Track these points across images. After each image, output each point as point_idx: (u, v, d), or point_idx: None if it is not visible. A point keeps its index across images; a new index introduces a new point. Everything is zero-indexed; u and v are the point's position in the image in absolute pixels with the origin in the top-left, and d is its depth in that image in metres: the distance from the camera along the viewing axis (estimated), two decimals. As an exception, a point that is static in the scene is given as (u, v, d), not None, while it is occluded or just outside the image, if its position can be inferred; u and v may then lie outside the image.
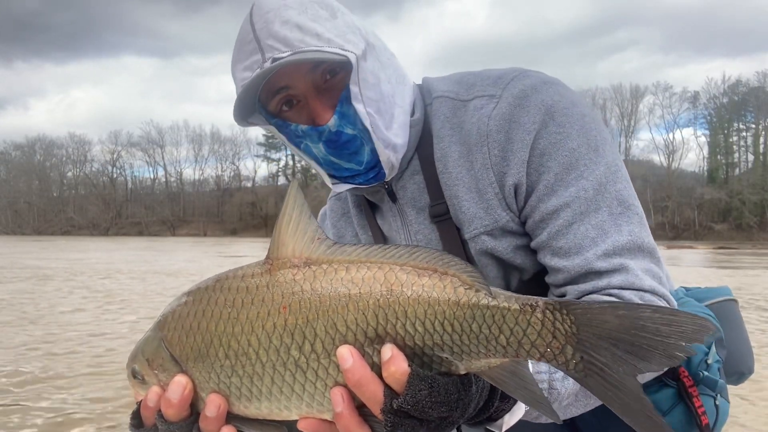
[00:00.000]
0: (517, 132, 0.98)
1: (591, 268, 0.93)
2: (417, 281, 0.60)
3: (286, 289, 0.62)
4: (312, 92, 0.98)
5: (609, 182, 0.96)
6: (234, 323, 0.63)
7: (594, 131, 0.98)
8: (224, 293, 0.64)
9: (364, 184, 1.07)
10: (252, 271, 0.64)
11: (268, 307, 0.62)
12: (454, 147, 1.04)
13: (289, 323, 0.61)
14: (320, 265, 0.62)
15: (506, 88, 1.01)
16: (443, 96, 1.08)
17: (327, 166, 1.06)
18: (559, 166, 0.96)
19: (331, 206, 1.31)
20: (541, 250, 1.00)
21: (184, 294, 0.69)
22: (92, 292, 11.34)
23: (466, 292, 0.60)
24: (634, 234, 0.95)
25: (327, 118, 0.98)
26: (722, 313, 1.20)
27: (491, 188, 1.01)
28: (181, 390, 0.65)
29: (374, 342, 0.60)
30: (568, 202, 0.95)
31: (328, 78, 0.98)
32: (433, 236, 1.09)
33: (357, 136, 0.99)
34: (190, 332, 0.65)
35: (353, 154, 1.01)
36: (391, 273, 0.60)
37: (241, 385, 0.64)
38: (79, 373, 5.22)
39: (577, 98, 1.01)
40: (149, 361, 0.68)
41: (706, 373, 1.06)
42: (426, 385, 0.59)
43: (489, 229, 1.02)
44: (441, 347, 0.60)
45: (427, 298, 0.59)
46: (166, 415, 0.66)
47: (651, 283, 0.92)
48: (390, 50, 1.08)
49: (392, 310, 0.59)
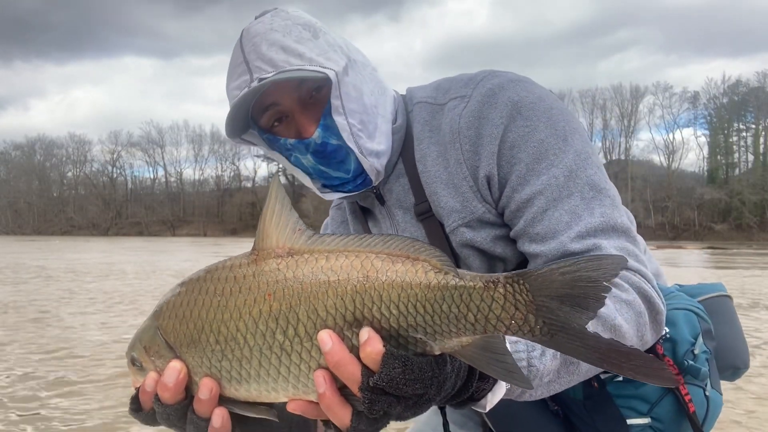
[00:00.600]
0: (486, 127, 1.04)
1: (566, 250, 0.96)
2: (391, 267, 0.64)
3: (271, 278, 0.66)
4: (297, 108, 1.07)
5: (579, 168, 1.00)
6: (223, 310, 0.67)
7: (562, 122, 1.03)
8: (214, 283, 0.69)
9: (353, 191, 1.14)
10: (239, 261, 0.69)
11: (255, 294, 0.66)
12: (433, 147, 1.12)
13: (274, 309, 0.65)
14: (302, 255, 0.66)
15: (476, 88, 1.08)
16: (422, 102, 1.17)
17: (317, 175, 1.13)
18: (529, 156, 1.01)
19: (332, 215, 1.40)
20: (520, 239, 1.04)
21: (177, 285, 0.73)
22: (104, 293, 11.32)
23: (435, 275, 0.64)
24: (606, 215, 0.98)
25: (311, 131, 1.06)
26: (714, 308, 1.21)
27: (465, 182, 1.07)
28: (176, 374, 0.69)
29: (353, 326, 0.64)
30: (541, 190, 0.99)
31: (313, 94, 1.07)
32: (420, 233, 1.14)
33: (341, 146, 1.07)
34: (183, 320, 0.69)
35: (340, 163, 1.09)
36: (367, 260, 0.64)
37: (231, 369, 0.68)
38: (100, 379, 5.17)
39: (545, 93, 1.07)
40: (146, 349, 0.72)
41: (691, 362, 1.08)
42: (400, 363, 0.62)
43: (466, 221, 1.08)
44: (415, 328, 0.64)
45: (401, 282, 0.63)
46: (162, 398, 0.70)
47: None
48: (372, 64, 1.16)
49: (368, 295, 0.63)
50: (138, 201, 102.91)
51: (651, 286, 0.97)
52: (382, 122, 1.11)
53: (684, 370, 1.08)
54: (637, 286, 0.95)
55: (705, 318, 1.16)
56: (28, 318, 8.09)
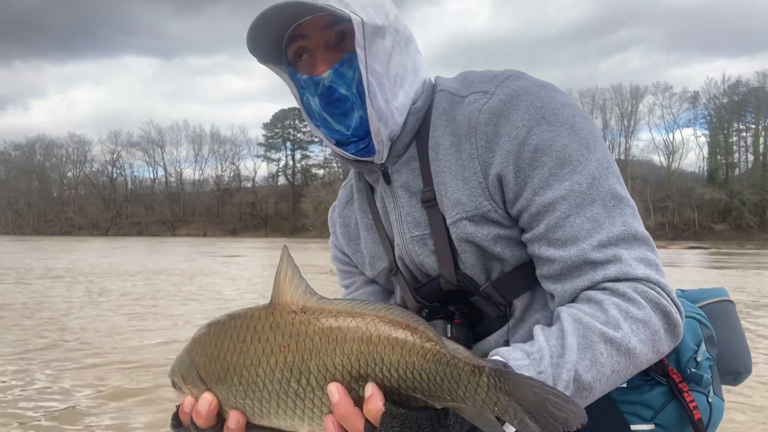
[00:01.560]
0: (505, 126, 1.03)
1: (587, 258, 0.97)
2: (392, 333, 0.70)
3: (286, 331, 0.73)
4: (321, 46, 1.07)
5: (602, 176, 1.01)
6: (244, 356, 0.75)
7: (585, 130, 1.03)
8: (236, 330, 0.77)
9: (354, 155, 1.13)
10: (258, 313, 0.76)
11: (271, 345, 0.73)
12: (447, 137, 1.11)
13: (288, 361, 0.72)
14: (313, 313, 0.73)
15: (500, 86, 1.07)
16: (444, 90, 1.15)
17: (322, 123, 1.12)
18: (552, 161, 1.00)
19: (339, 197, 1.38)
20: (536, 242, 1.03)
21: (206, 325, 0.82)
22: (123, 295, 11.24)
23: (432, 347, 0.70)
24: (627, 224, 0.99)
25: (323, 70, 1.05)
26: (716, 314, 1.22)
27: (475, 177, 1.06)
28: (208, 405, 0.79)
29: (359, 380, 0.71)
30: (564, 195, 0.99)
31: (340, 41, 1.06)
32: (422, 220, 1.13)
33: (348, 98, 1.06)
34: (211, 359, 0.78)
35: (342, 115, 1.08)
36: (372, 324, 0.71)
37: (253, 406, 0.76)
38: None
39: (568, 101, 1.07)
40: (183, 377, 0.82)
41: (693, 370, 1.09)
42: (398, 422, 0.67)
43: (470, 215, 1.06)
44: (414, 390, 0.70)
45: (400, 349, 0.70)
46: (197, 422, 0.80)
47: (645, 271, 0.96)
48: (417, 46, 1.17)
49: (371, 357, 0.70)
50: (138, 201, 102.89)
51: (669, 300, 0.96)
52: (402, 96, 1.10)
53: (687, 377, 1.09)
54: (655, 302, 0.94)
55: (707, 324, 1.17)
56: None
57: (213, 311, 8.80)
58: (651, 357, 0.95)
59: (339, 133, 1.11)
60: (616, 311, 0.91)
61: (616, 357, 0.89)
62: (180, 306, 9.76)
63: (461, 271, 1.10)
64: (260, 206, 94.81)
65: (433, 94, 1.17)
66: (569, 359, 0.86)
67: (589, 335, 0.89)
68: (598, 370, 0.87)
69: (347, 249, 1.34)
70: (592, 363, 0.87)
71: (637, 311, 0.93)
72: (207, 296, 11.15)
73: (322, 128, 1.13)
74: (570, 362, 0.86)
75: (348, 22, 1.02)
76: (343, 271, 1.39)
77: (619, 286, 0.94)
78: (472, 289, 1.10)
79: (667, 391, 1.09)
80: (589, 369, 0.87)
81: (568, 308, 0.94)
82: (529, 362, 0.85)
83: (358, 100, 1.06)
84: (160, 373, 5.20)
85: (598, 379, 0.87)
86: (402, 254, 1.17)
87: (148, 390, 4.78)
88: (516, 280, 1.10)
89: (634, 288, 0.94)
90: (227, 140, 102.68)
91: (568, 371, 0.85)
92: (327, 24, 1.05)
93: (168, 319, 8.41)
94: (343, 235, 1.34)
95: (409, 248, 1.15)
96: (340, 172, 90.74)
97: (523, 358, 0.85)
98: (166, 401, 4.46)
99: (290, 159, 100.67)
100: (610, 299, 0.93)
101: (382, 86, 1.06)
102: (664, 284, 0.97)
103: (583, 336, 0.89)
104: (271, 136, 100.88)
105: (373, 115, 1.06)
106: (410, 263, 1.17)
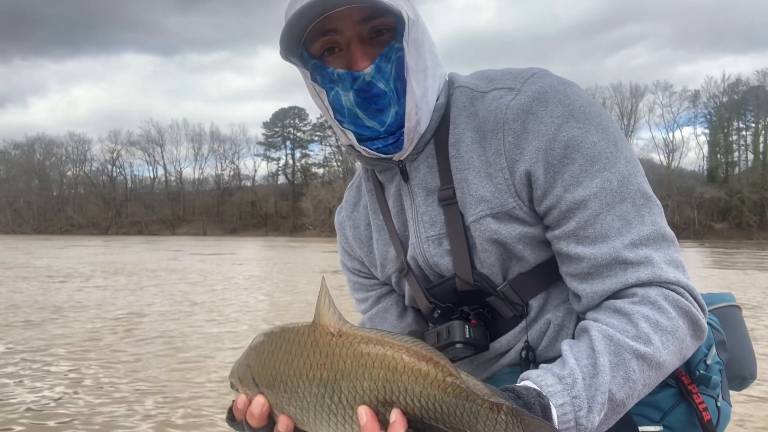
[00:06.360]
0: (534, 123, 1.02)
1: (619, 257, 0.97)
2: (417, 364, 0.74)
3: (323, 351, 0.79)
4: (356, 40, 1.04)
5: (631, 175, 1.01)
6: (289, 367, 0.82)
7: (611, 128, 1.04)
8: (285, 342, 0.84)
9: (379, 151, 1.11)
10: (303, 329, 0.83)
11: (311, 361, 0.79)
12: (468, 133, 1.09)
13: (324, 378, 0.78)
14: (347, 337, 0.78)
15: (526, 83, 1.05)
16: (463, 86, 1.14)
17: (350, 119, 1.09)
18: (583, 157, 1.00)
19: (346, 199, 1.36)
20: (564, 239, 1.02)
21: (262, 333, 0.89)
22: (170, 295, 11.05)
23: (452, 381, 0.73)
24: (656, 224, 1.00)
25: (364, 65, 1.03)
26: (724, 318, 1.23)
27: (501, 174, 1.04)
28: (260, 408, 0.85)
29: (385, 405, 0.75)
30: (596, 192, 0.99)
31: (374, 36, 1.05)
32: (439, 219, 1.11)
33: (387, 93, 1.05)
34: (264, 366, 0.85)
35: (378, 111, 1.06)
36: (399, 353, 0.75)
37: (296, 413, 0.83)
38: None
39: (592, 100, 1.07)
40: (240, 379, 0.90)
41: (702, 372, 1.09)
42: None
43: (495, 212, 1.05)
44: (435, 420, 0.74)
45: (423, 380, 0.73)
46: (250, 423, 0.86)
47: (675, 275, 0.97)
48: (431, 37, 1.14)
49: (396, 385, 0.74)
50: (138, 200, 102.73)
51: (696, 305, 0.97)
52: (431, 91, 1.09)
53: (695, 379, 1.10)
54: (685, 311, 0.95)
55: (719, 329, 1.18)
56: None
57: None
58: (677, 364, 0.96)
59: (371, 130, 1.09)
60: (646, 324, 0.91)
61: (647, 372, 0.90)
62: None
63: (478, 271, 1.09)
64: (260, 205, 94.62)
65: (451, 90, 1.15)
66: (603, 380, 0.86)
67: (620, 353, 0.89)
68: (630, 387, 0.88)
69: (360, 252, 1.31)
70: (624, 381, 0.88)
71: (667, 322, 0.93)
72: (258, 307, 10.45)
73: (349, 124, 1.10)
74: (604, 384, 0.86)
75: (384, 16, 1.02)
76: (355, 282, 1.37)
77: (650, 294, 0.95)
78: (489, 290, 1.09)
79: (676, 393, 1.09)
80: (623, 386, 0.88)
81: (598, 325, 0.93)
82: (562, 387, 0.84)
83: (395, 95, 1.05)
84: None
85: (630, 395, 0.89)
86: (415, 254, 1.15)
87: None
88: (533, 281, 1.09)
89: (665, 296, 0.95)
90: (227, 139, 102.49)
91: (602, 393, 0.85)
92: (362, 18, 1.03)
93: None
94: (355, 237, 1.31)
95: (424, 248, 1.13)
96: (339, 171, 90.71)
97: (555, 383, 0.85)
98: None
99: (290, 158, 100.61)
100: (640, 311, 0.93)
101: (418, 81, 1.05)
102: (692, 288, 0.98)
103: (614, 353, 0.89)
104: (270, 134, 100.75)
105: (413, 111, 1.05)
106: (423, 263, 1.15)
